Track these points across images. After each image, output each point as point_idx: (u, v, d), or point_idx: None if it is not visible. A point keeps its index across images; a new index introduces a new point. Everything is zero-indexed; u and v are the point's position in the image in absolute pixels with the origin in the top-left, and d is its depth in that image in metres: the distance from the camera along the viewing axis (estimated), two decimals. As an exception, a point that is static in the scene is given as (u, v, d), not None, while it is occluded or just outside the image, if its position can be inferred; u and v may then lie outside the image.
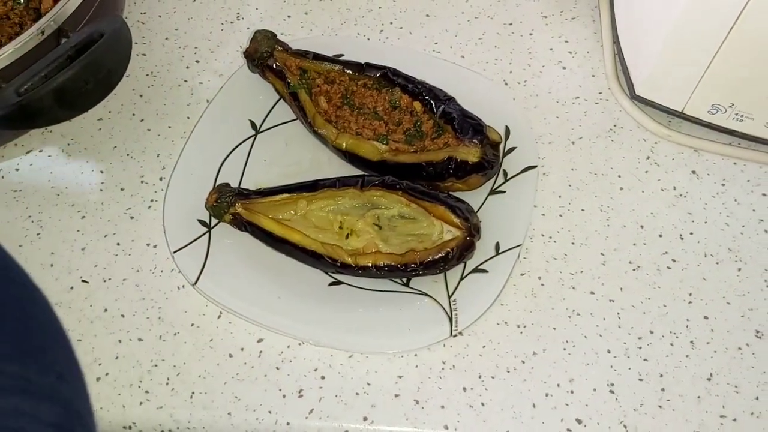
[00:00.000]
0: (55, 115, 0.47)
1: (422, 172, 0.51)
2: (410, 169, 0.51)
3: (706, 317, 0.48)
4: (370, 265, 0.47)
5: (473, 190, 0.52)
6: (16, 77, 0.46)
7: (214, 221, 0.51)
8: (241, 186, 0.53)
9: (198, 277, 0.48)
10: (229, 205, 0.49)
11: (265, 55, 0.55)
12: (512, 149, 0.54)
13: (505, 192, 0.52)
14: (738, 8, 0.46)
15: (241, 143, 0.55)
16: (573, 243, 0.51)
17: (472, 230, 0.47)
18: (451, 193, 0.51)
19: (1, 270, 0.28)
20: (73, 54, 0.46)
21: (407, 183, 0.49)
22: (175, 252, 0.50)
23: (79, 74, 0.45)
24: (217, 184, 0.52)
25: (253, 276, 0.49)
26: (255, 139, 0.55)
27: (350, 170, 0.53)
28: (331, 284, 0.49)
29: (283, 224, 0.49)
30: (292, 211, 0.50)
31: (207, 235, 0.51)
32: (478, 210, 0.51)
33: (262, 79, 0.58)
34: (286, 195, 0.50)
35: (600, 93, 0.59)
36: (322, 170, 0.54)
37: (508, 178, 0.53)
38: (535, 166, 0.53)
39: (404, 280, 0.49)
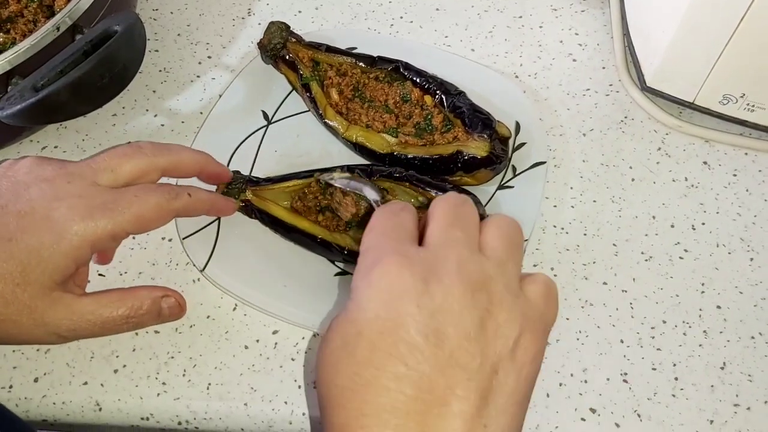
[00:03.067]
0: (71, 109, 0.47)
1: (431, 166, 0.51)
2: (419, 162, 0.51)
3: (718, 307, 0.48)
4: None
5: (482, 185, 0.52)
6: (32, 73, 0.47)
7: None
8: (251, 175, 0.53)
9: (206, 263, 0.49)
10: (239, 191, 0.50)
11: (278, 46, 0.56)
12: (522, 145, 0.54)
13: (513, 187, 0.52)
14: (749, -2, 0.46)
15: (252, 133, 0.55)
16: (585, 234, 0.51)
17: None
18: (459, 186, 0.51)
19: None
20: (88, 49, 0.47)
21: (414, 174, 0.50)
22: (184, 238, 0.50)
23: (95, 69, 0.45)
24: (228, 172, 0.52)
25: (261, 263, 0.49)
26: (267, 129, 0.56)
27: (359, 161, 0.53)
28: (336, 274, 0.49)
29: (292, 212, 0.50)
30: (301, 199, 0.51)
31: (216, 222, 0.51)
32: (486, 204, 0.51)
33: (275, 70, 0.58)
34: (295, 182, 0.51)
35: (610, 85, 0.59)
36: (332, 161, 0.54)
37: (517, 173, 0.53)
38: (545, 162, 0.53)
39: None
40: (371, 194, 0.44)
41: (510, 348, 0.32)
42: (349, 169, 0.49)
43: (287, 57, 0.56)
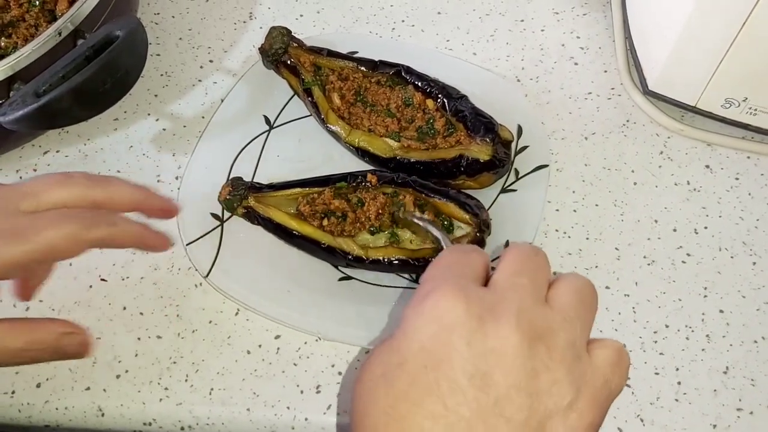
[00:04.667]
0: (73, 115, 0.47)
1: (433, 170, 0.51)
2: (422, 167, 0.51)
3: (721, 311, 0.48)
4: (381, 258, 0.47)
5: (484, 188, 0.52)
6: (34, 78, 0.47)
7: (226, 215, 0.51)
8: (254, 181, 0.53)
9: (210, 270, 0.49)
10: (242, 198, 0.50)
11: (279, 51, 0.56)
12: (524, 148, 0.54)
13: (516, 191, 0.52)
14: (752, 1, 0.46)
15: (254, 138, 0.56)
16: (587, 238, 0.51)
17: (482, 226, 0.47)
18: (462, 190, 0.51)
19: None
20: (90, 54, 0.47)
21: (417, 179, 0.50)
22: (188, 244, 0.50)
23: (97, 74, 0.45)
24: (230, 178, 0.52)
25: (264, 269, 0.49)
26: (269, 134, 0.56)
27: (362, 166, 0.53)
28: (341, 279, 0.49)
29: (296, 216, 0.50)
30: (304, 205, 0.51)
31: (219, 228, 0.51)
32: (489, 207, 0.51)
33: (277, 75, 0.58)
34: (298, 189, 0.51)
35: (612, 88, 0.59)
36: (335, 166, 0.54)
37: (519, 176, 0.53)
38: (547, 166, 0.53)
39: (413, 276, 0.49)
40: (445, 241, 0.43)
41: (563, 408, 0.29)
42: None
43: (289, 62, 0.56)
